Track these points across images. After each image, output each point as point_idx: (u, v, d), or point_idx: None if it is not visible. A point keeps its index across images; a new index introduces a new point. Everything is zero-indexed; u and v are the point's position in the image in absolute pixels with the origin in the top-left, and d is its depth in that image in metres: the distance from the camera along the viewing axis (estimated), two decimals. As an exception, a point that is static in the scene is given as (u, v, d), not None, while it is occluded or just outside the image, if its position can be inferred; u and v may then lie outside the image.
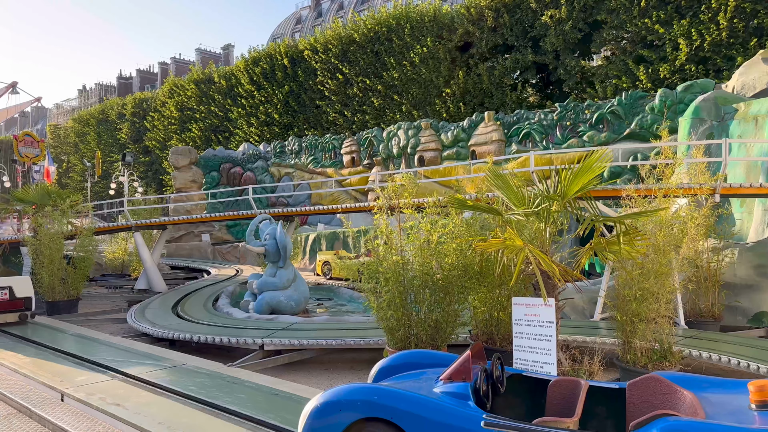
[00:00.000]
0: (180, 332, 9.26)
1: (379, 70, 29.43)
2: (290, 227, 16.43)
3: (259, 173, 29.88)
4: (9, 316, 10.11)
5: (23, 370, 6.87)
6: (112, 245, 22.99)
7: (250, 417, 4.95)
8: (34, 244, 12.97)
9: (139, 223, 17.15)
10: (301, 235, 22.21)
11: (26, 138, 28.91)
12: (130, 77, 78.41)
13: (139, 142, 43.79)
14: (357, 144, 26.16)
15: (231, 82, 36.65)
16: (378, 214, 6.80)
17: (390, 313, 6.58)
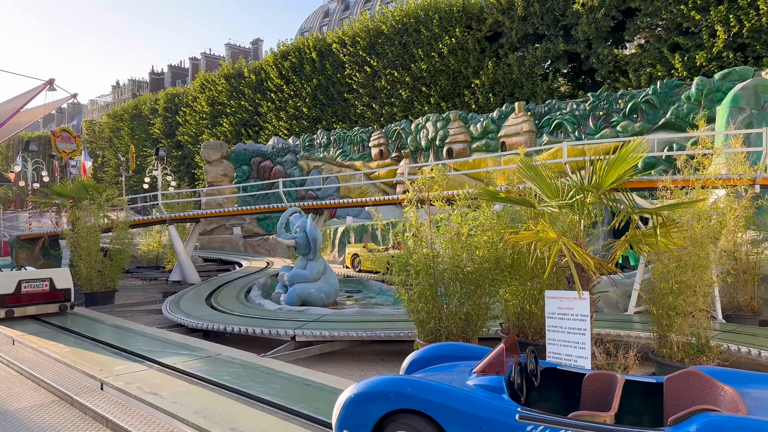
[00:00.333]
0: (214, 323, 9.44)
1: (407, 62, 29.28)
2: (319, 220, 16.54)
3: (289, 166, 30.13)
4: (49, 306, 10.44)
5: (64, 359, 7.07)
6: (147, 238, 23.52)
7: (283, 407, 5.02)
8: (72, 237, 13.36)
9: (173, 216, 17.49)
10: (330, 228, 22.34)
11: (63, 133, 29.71)
12: (162, 73, 79.72)
13: (171, 137, 44.57)
14: (385, 137, 26.13)
15: (260, 77, 36.96)
16: (408, 207, 6.79)
17: (420, 306, 6.58)
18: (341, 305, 12.57)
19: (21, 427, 5.12)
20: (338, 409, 3.60)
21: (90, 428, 5.14)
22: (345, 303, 13.16)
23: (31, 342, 8.19)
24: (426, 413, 3.26)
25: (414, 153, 24.72)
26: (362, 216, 25.00)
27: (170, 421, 4.90)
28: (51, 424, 5.24)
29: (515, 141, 20.96)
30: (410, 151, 24.62)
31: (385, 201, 15.60)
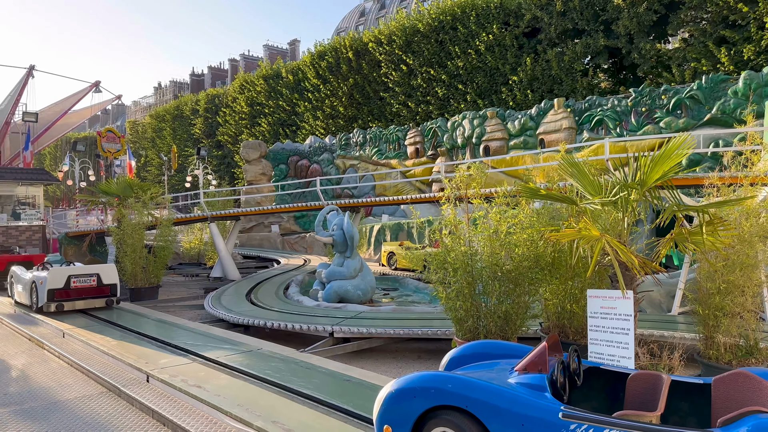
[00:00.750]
0: (254, 318, 9.61)
1: (444, 60, 29.16)
2: (356, 218, 16.65)
3: (325, 165, 30.41)
4: (97, 301, 10.82)
5: (111, 352, 7.32)
6: (189, 235, 24.11)
7: (323, 401, 5.08)
8: (118, 234, 13.80)
9: (214, 214, 17.88)
10: (366, 226, 22.45)
11: (108, 134, 30.73)
12: (202, 74, 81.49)
13: (211, 137, 45.53)
14: (421, 135, 26.09)
15: (298, 77, 37.40)
16: (446, 205, 6.78)
17: (459, 304, 6.56)
18: (377, 303, 12.62)
19: (72, 417, 5.33)
20: (379, 404, 3.63)
21: (137, 419, 5.30)
22: (381, 300, 13.22)
23: (80, 335, 8.50)
24: (467, 410, 3.25)
25: (450, 151, 24.61)
26: (398, 214, 25.04)
27: (214, 413, 5.02)
28: (100, 414, 5.43)
29: (554, 138, 20.63)
30: (446, 149, 24.51)
31: (422, 199, 15.57)
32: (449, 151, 24.59)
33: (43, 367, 7.18)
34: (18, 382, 6.48)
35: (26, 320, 9.96)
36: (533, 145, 21.44)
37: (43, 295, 10.19)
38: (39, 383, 6.45)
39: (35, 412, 5.45)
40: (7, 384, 6.41)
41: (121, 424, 5.14)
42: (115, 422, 5.18)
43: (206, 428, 4.72)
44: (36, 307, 10.42)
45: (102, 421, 5.20)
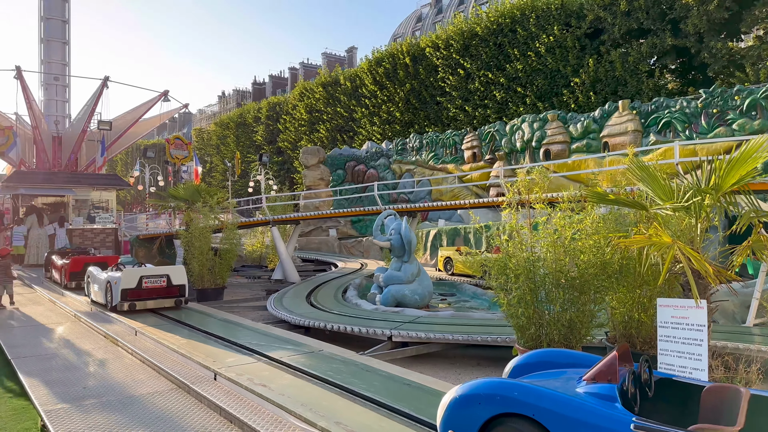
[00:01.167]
0: (315, 320, 9.80)
1: (502, 63, 28.81)
2: (413, 223, 16.67)
3: (382, 170, 30.60)
4: (166, 301, 11.30)
5: (181, 350, 7.62)
6: (251, 239, 24.83)
7: (384, 404, 5.12)
8: (186, 237, 14.39)
9: (276, 218, 18.35)
10: (422, 231, 22.42)
11: (176, 141, 32.13)
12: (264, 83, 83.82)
13: (272, 143, 46.76)
14: (478, 139, 25.83)
15: (355, 83, 37.88)
16: (507, 210, 6.70)
17: (520, 311, 6.45)
18: (433, 308, 12.59)
19: (146, 411, 5.59)
20: (443, 409, 3.63)
21: (205, 416, 5.49)
22: (437, 306, 13.17)
23: (151, 333, 8.90)
24: (534, 419, 3.21)
25: (508, 155, 24.24)
26: (454, 219, 24.87)
27: (278, 412, 5.15)
28: (171, 409, 5.67)
29: (619, 141, 19.97)
30: (504, 153, 24.16)
31: (480, 204, 15.42)
32: (507, 155, 24.23)
33: (117, 363, 7.56)
34: (96, 377, 6.86)
35: (102, 318, 10.52)
36: (596, 148, 20.81)
37: (117, 295, 10.74)
38: (115, 378, 6.80)
39: (112, 405, 5.75)
40: (87, 378, 6.79)
41: (191, 420, 5.35)
42: (185, 418, 5.40)
43: (272, 427, 4.85)
44: (110, 306, 11.00)
45: (173, 417, 5.43)
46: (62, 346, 8.54)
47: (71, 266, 14.60)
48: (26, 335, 9.29)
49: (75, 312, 11.21)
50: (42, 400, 5.85)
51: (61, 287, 14.99)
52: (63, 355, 7.93)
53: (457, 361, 8.67)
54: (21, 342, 8.73)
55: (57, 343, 8.76)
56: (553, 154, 22.05)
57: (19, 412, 5.83)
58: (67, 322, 10.63)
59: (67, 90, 32.40)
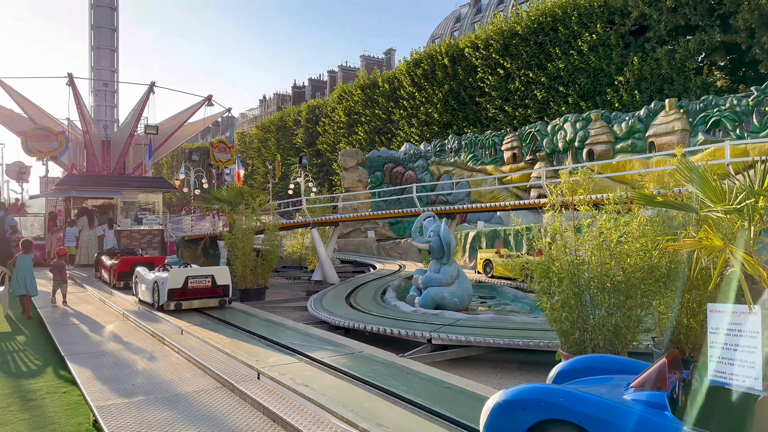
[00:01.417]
0: (355, 322, 9.86)
1: (543, 62, 28.37)
2: (452, 224, 16.59)
3: (420, 172, 30.54)
4: (211, 301, 11.56)
5: (225, 349, 7.78)
6: (291, 240, 25.17)
7: (425, 407, 5.11)
8: (229, 238, 14.71)
9: (316, 220, 18.56)
10: (461, 233, 22.26)
11: (220, 144, 32.89)
12: (303, 86, 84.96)
13: (312, 146, 47.32)
14: (519, 139, 25.49)
15: (393, 85, 37.95)
16: (550, 212, 6.59)
17: (564, 315, 6.33)
18: (473, 310, 12.49)
19: (192, 409, 5.72)
20: (486, 414, 3.60)
21: (249, 414, 5.59)
22: (477, 309, 13.06)
23: (197, 332, 9.11)
24: (581, 425, 3.15)
25: (550, 156, 23.84)
26: (493, 221, 24.61)
27: (320, 413, 5.21)
28: (216, 407, 5.80)
29: (666, 141, 19.38)
30: (546, 154, 23.77)
31: (521, 206, 15.23)
32: (549, 156, 23.83)
33: (164, 361, 7.77)
34: (144, 374, 7.07)
35: (149, 317, 10.84)
36: (642, 148, 20.25)
37: (164, 295, 11.05)
38: (162, 376, 6.99)
39: (160, 402, 5.92)
40: (135, 375, 7.01)
41: (236, 418, 5.46)
42: (230, 416, 5.51)
43: (314, 427, 4.91)
44: (157, 306, 11.33)
45: (218, 415, 5.55)
46: (112, 344, 8.84)
47: (120, 266, 15.10)
48: (78, 333, 9.66)
49: (123, 311, 11.59)
50: (93, 396, 6.06)
51: (110, 287, 15.52)
52: (113, 353, 8.21)
53: (498, 365, 8.58)
54: (73, 339, 9.07)
55: (107, 341, 9.08)
56: (597, 154, 21.57)
57: (73, 407, 6.07)
58: (116, 320, 11.00)
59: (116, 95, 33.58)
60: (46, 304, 12.65)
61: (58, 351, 8.39)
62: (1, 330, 10.55)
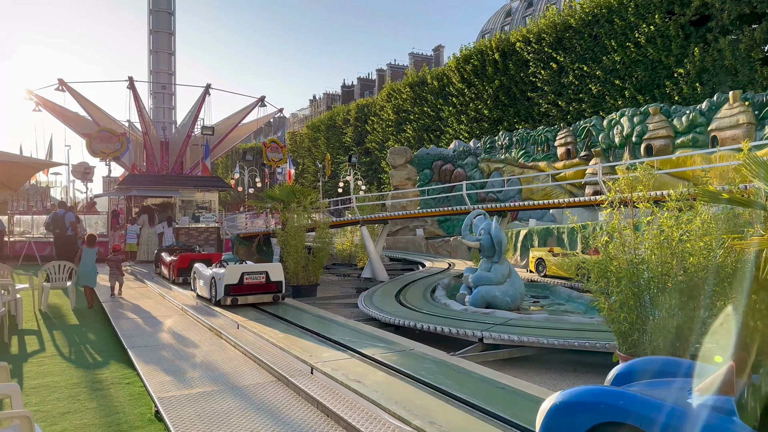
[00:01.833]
0: (405, 319, 9.87)
1: (598, 55, 27.57)
2: (503, 222, 16.35)
3: (469, 169, 30.26)
4: (265, 296, 11.83)
5: (280, 344, 7.94)
6: (341, 237, 25.44)
7: (478, 407, 5.07)
8: (282, 236, 15.01)
9: (365, 217, 18.69)
10: (512, 231, 21.92)
11: (272, 144, 33.57)
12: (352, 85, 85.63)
13: (361, 145, 47.67)
14: (573, 135, 24.87)
15: (442, 82, 37.73)
16: (608, 209, 6.40)
17: (623, 316, 6.14)
18: (524, 310, 12.28)
19: (248, 402, 5.87)
20: (542, 415, 3.54)
21: (303, 408, 5.69)
22: (529, 308, 12.83)
23: (252, 327, 9.34)
24: (642, 429, 3.05)
25: (606, 151, 23.15)
26: (546, 219, 24.12)
27: (373, 409, 5.25)
28: (271, 401, 5.93)
29: (730, 135, 18.49)
30: (602, 150, 23.10)
31: (576, 203, 14.85)
32: (605, 151, 23.15)
33: (221, 355, 8.01)
34: (202, 368, 7.30)
35: (206, 312, 11.19)
36: (704, 143, 19.40)
37: (221, 290, 11.39)
38: (219, 369, 7.21)
39: (218, 395, 6.10)
40: (194, 368, 7.26)
41: (290, 411, 5.57)
42: (285, 410, 5.63)
43: (367, 422, 4.95)
44: (214, 301, 11.68)
45: (274, 408, 5.68)
46: (172, 338, 9.18)
47: (179, 263, 15.65)
48: (140, 326, 10.08)
49: (182, 305, 12.01)
50: (155, 387, 6.31)
51: (169, 282, 16.10)
52: (173, 346, 8.52)
53: (552, 366, 8.40)
54: (135, 332, 9.47)
55: (167, 335, 9.43)
56: (656, 149, 20.80)
57: (136, 398, 6.34)
58: (175, 315, 11.41)
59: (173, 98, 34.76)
60: (107, 297, 13.27)
61: (121, 343, 8.77)
62: (70, 323, 11.13)
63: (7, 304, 10.27)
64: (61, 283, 12.80)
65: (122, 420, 5.60)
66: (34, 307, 12.45)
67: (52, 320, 11.31)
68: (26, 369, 7.60)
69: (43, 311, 12.06)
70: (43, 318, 11.50)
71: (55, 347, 8.97)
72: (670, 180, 18.44)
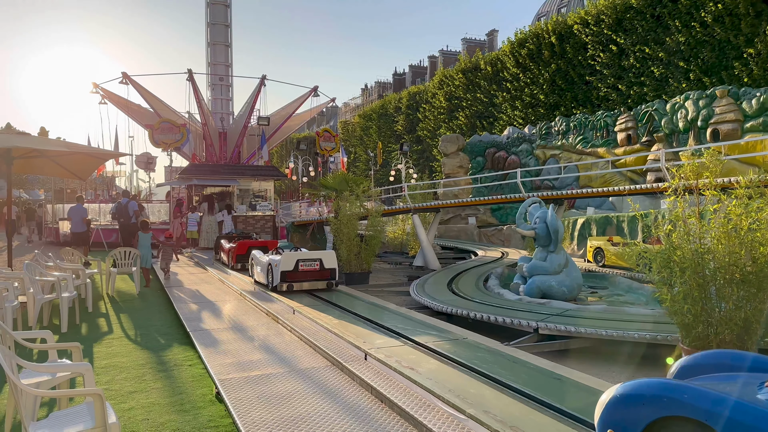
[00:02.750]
0: (458, 308, 9.84)
1: (661, 36, 26.32)
2: (559, 210, 15.98)
3: (524, 156, 29.64)
4: (319, 283, 12.05)
5: (334, 330, 8.08)
6: (393, 226, 25.53)
7: (534, 397, 5.00)
8: (335, 224, 15.22)
9: (417, 206, 18.68)
10: (569, 219, 21.37)
11: (325, 134, 33.97)
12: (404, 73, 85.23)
13: (412, 133, 47.50)
14: (634, 120, 23.91)
15: (496, 67, 37.01)
16: (672, 197, 6.15)
17: (686, 308, 5.91)
18: (581, 301, 11.98)
19: (305, 386, 6.01)
20: (601, 407, 3.46)
21: (357, 393, 5.78)
22: (586, 299, 12.52)
23: (307, 312, 9.54)
24: (707, 424, 2.94)
25: (669, 137, 22.17)
26: (605, 207, 23.38)
27: (427, 396, 5.27)
28: (327, 385, 6.05)
29: (806, 118, 17.33)
30: (664, 135, 22.13)
31: (637, 190, 14.31)
32: (668, 136, 22.17)
33: (278, 339, 8.23)
34: (260, 351, 7.53)
35: (264, 297, 11.51)
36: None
37: (277, 276, 11.68)
38: (277, 353, 7.41)
39: (276, 378, 6.28)
40: (253, 351, 7.49)
41: (345, 396, 5.68)
42: (339, 394, 5.74)
43: (421, 409, 4.98)
44: (271, 286, 11.99)
45: (329, 392, 5.80)
46: (231, 322, 9.50)
47: (237, 249, 16.13)
48: (201, 310, 10.47)
49: (240, 290, 12.39)
50: (216, 369, 6.55)
51: (228, 268, 16.63)
52: (232, 330, 8.81)
53: (610, 358, 8.19)
54: (197, 316, 9.85)
55: (227, 319, 9.77)
56: (723, 134, 19.76)
57: (197, 379, 6.60)
58: (234, 299, 11.79)
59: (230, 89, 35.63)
60: (171, 283, 13.85)
61: (183, 327, 9.14)
62: (135, 306, 11.69)
63: (78, 288, 10.89)
64: (126, 268, 13.46)
65: (185, 400, 5.85)
66: (102, 291, 13.15)
67: (119, 304, 11.91)
68: (96, 350, 8.04)
69: (110, 295, 12.72)
70: (110, 301, 12.13)
71: (122, 329, 9.45)
72: (738, 166, 17.49)
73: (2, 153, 10.70)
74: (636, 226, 18.56)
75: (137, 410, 5.54)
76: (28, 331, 7.78)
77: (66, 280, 9.89)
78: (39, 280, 9.58)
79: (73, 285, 10.32)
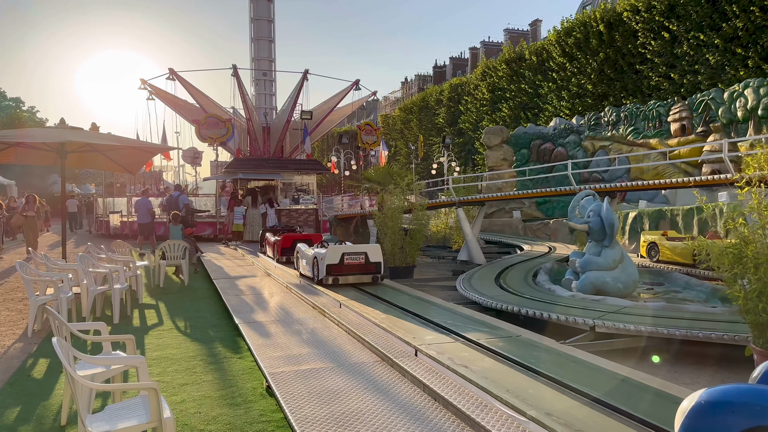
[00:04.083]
0: (508, 304, 9.56)
1: (717, 22, 25.09)
2: (612, 204, 15.38)
3: (571, 148, 28.85)
4: (364, 277, 11.97)
5: (382, 324, 7.94)
6: (436, 220, 25.26)
7: (599, 399, 4.74)
8: (379, 218, 15.10)
9: (461, 199, 18.37)
10: (620, 213, 20.64)
11: (367, 127, 33.91)
12: (444, 66, 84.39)
13: (454, 125, 46.93)
14: (688, 109, 22.90)
15: (542, 57, 36.12)
16: (745, 188, 5.74)
17: (761, 306, 5.52)
18: (634, 298, 11.50)
19: (355, 381, 5.90)
20: (682, 415, 3.20)
21: (409, 390, 5.63)
22: (640, 296, 12.01)
23: (354, 306, 9.45)
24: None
25: (726, 126, 21.13)
26: (657, 200, 22.50)
27: (483, 395, 5.07)
28: (377, 381, 5.92)
29: None
30: (722, 125, 21.10)
31: (699, 182, 13.61)
32: (725, 126, 21.13)
33: (326, 333, 8.15)
34: (309, 344, 7.46)
35: (310, 290, 11.49)
36: None
37: (323, 269, 11.64)
38: (325, 347, 7.33)
39: (326, 372, 6.19)
40: (301, 345, 7.43)
41: (396, 392, 5.53)
42: (391, 391, 5.59)
43: (477, 410, 4.78)
44: (317, 280, 11.97)
45: (380, 388, 5.66)
46: (279, 314, 9.49)
47: (282, 243, 16.22)
48: (248, 303, 10.52)
49: (286, 283, 12.42)
50: (266, 362, 6.51)
51: (273, 261, 16.75)
52: (280, 323, 8.79)
53: (670, 359, 7.78)
54: (245, 309, 9.89)
55: (274, 311, 9.77)
56: (787, 123, 18.68)
57: (247, 372, 6.57)
58: (280, 292, 11.82)
59: (273, 84, 35.97)
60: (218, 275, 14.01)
61: (232, 319, 9.19)
62: (184, 298, 11.87)
63: (129, 279, 11.11)
64: (176, 260, 13.68)
65: (236, 393, 5.82)
66: (152, 282, 13.41)
67: (168, 295, 12.12)
68: (147, 341, 8.14)
69: (160, 286, 12.95)
70: (160, 293, 12.35)
71: (171, 321, 9.58)
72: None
73: (56, 147, 10.99)
74: (691, 219, 17.77)
75: (189, 403, 5.54)
76: (83, 323, 7.94)
77: (118, 271, 10.09)
78: (92, 271, 9.79)
79: (125, 276, 10.52)
